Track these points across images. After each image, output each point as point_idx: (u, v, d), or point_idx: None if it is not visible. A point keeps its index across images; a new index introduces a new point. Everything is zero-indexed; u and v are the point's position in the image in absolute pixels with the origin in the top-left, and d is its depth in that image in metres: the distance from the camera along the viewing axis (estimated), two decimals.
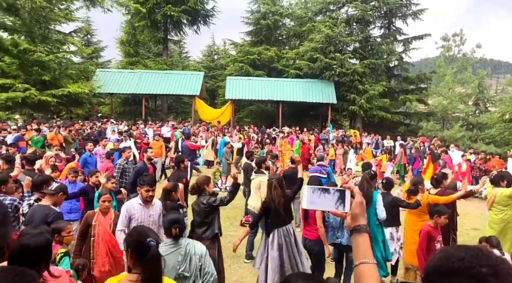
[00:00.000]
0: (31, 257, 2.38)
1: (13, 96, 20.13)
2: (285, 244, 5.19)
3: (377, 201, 5.76)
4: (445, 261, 1.13)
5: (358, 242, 1.49)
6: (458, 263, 1.10)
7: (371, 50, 27.94)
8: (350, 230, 1.52)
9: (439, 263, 1.14)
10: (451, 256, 1.12)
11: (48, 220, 3.96)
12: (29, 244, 2.42)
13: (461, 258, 1.10)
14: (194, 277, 3.34)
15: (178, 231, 3.40)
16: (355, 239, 1.50)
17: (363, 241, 1.48)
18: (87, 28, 33.86)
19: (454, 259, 1.11)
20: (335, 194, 1.54)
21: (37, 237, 2.51)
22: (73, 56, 25.69)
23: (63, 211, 6.02)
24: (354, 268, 1.45)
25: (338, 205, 1.53)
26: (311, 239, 5.48)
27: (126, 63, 30.58)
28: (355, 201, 1.52)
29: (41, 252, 2.45)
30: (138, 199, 4.87)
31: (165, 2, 28.30)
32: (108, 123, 20.05)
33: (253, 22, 31.45)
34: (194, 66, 38.94)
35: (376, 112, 26.01)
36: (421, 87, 29.47)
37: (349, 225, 1.52)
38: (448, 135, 26.97)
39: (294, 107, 29.18)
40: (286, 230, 5.28)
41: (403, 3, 28.05)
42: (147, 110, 28.48)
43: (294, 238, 5.32)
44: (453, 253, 1.13)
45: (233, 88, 25.37)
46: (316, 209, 1.66)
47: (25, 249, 2.39)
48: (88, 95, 23.22)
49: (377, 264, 1.47)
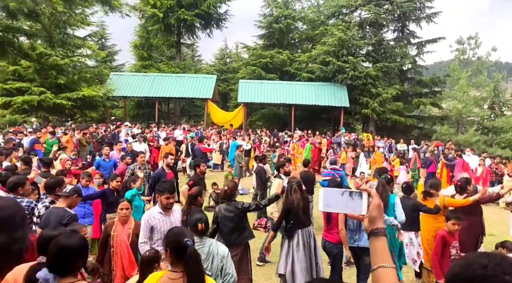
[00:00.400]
0: (68, 257, 2.41)
1: (29, 99, 20.51)
2: (307, 245, 5.21)
3: (395, 204, 5.72)
4: (467, 269, 1.09)
5: (376, 246, 1.45)
6: (481, 270, 1.06)
7: (384, 53, 27.74)
8: (367, 234, 1.49)
9: (461, 270, 1.11)
10: (473, 263, 1.09)
11: (63, 222, 4.00)
12: (67, 244, 2.45)
13: (484, 265, 1.07)
14: (215, 276, 3.38)
15: (204, 226, 3.50)
16: (373, 242, 1.46)
17: (381, 245, 1.45)
18: (102, 32, 34.32)
19: (477, 267, 1.08)
20: (352, 196, 1.50)
21: (74, 237, 2.55)
22: (88, 60, 26.09)
23: (78, 215, 6.13)
24: (372, 272, 1.42)
25: (355, 207, 1.49)
26: (331, 241, 5.47)
27: (139, 67, 30.88)
28: (373, 203, 1.48)
29: (80, 252, 2.49)
30: (157, 207, 4.68)
31: (179, 6, 28.54)
32: (122, 126, 20.25)
33: (265, 26, 31.53)
34: (206, 69, 39.15)
35: (389, 116, 25.79)
36: (435, 90, 29.14)
37: (367, 228, 1.49)
38: (463, 140, 26.58)
39: (307, 110, 29.09)
40: (308, 231, 5.32)
41: (417, 6, 27.80)
42: (160, 113, 28.69)
43: (314, 241, 5.34)
44: (476, 260, 1.10)
45: (245, 91, 25.42)
46: (332, 211, 1.62)
47: (63, 249, 2.41)
48: (102, 99, 23.50)
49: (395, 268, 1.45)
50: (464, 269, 1.10)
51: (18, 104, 20.73)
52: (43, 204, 4.45)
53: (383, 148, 19.99)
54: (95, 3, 5.65)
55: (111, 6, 5.96)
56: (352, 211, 1.50)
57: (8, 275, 2.64)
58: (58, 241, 2.47)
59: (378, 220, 1.48)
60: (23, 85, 21.01)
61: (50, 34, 6.21)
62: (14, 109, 21.38)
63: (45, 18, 5.90)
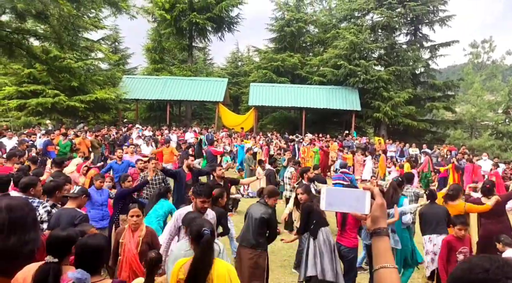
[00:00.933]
0: (94, 256, 2.49)
1: (43, 101, 20.85)
2: (329, 243, 5.24)
3: (403, 206, 5.76)
4: (469, 272, 1.07)
5: (379, 246, 1.44)
6: (482, 274, 1.04)
7: (397, 57, 27.55)
8: (370, 233, 1.48)
9: (462, 274, 1.09)
10: (475, 267, 1.07)
11: (75, 222, 4.03)
12: (93, 244, 2.52)
13: (486, 269, 1.05)
14: None
15: None
16: (375, 242, 1.45)
17: (383, 245, 1.43)
18: (115, 36, 34.70)
19: (479, 270, 1.05)
20: (354, 195, 1.49)
21: (98, 236, 2.59)
22: (101, 63, 26.40)
23: (96, 218, 6.15)
24: (374, 272, 1.41)
25: (357, 206, 1.47)
26: (347, 245, 5.44)
27: (151, 70, 31.16)
28: (375, 202, 1.46)
29: (104, 251, 2.57)
30: (190, 208, 4.52)
31: (191, 10, 28.74)
32: (134, 129, 20.43)
33: (277, 29, 31.55)
34: (218, 72, 39.31)
35: (401, 120, 25.57)
36: (448, 94, 28.80)
37: (369, 227, 1.47)
38: (477, 144, 26.22)
39: (318, 114, 29.00)
40: (329, 230, 5.41)
41: (430, 10, 27.53)
42: (171, 116, 28.87)
43: (333, 240, 5.38)
44: (478, 264, 1.08)
45: (256, 94, 25.45)
46: (334, 210, 1.60)
47: (89, 249, 2.49)
48: (115, 101, 23.74)
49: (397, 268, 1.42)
50: (466, 272, 1.08)
51: (33, 107, 21.09)
52: (44, 208, 4.47)
53: (395, 152, 19.81)
54: (102, 5, 5.71)
55: (118, 7, 6.02)
56: (355, 210, 1.48)
57: (18, 274, 2.67)
58: (85, 242, 2.55)
59: (380, 220, 1.46)
60: (37, 88, 21.38)
61: (59, 35, 6.27)
62: (28, 111, 21.75)
63: (54, 19, 5.98)
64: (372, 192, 1.48)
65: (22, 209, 3.10)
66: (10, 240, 2.99)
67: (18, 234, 3.01)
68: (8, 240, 2.99)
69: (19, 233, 3.02)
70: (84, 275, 2.34)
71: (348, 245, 5.43)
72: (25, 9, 5.15)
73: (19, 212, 3.09)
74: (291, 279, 6.21)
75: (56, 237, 2.77)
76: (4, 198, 3.59)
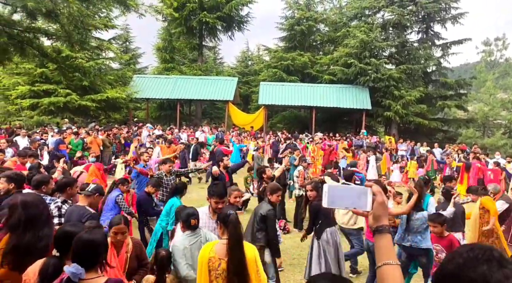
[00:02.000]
0: (90, 251, 2.48)
1: (55, 101, 21.12)
2: (335, 243, 5.29)
3: (429, 204, 5.86)
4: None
5: (381, 243, 1.45)
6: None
7: (408, 55, 27.28)
8: (372, 231, 1.49)
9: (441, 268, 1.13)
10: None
11: (83, 220, 4.07)
12: (89, 239, 2.52)
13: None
14: None
15: (196, 222, 3.85)
16: (377, 239, 1.46)
17: (386, 242, 1.45)
18: (126, 35, 34.96)
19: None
20: (356, 193, 1.49)
21: (95, 231, 2.61)
22: (112, 63, 26.61)
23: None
24: (377, 269, 1.42)
25: (359, 203, 1.48)
26: None
27: (162, 69, 31.32)
28: (376, 200, 1.47)
29: (100, 246, 2.57)
30: (206, 208, 4.49)
31: (201, 9, 28.82)
32: (144, 128, 20.56)
33: (287, 28, 31.47)
34: (228, 72, 39.35)
35: (412, 119, 25.32)
36: (460, 93, 28.46)
37: (371, 225, 1.48)
38: (489, 143, 25.83)
39: (328, 113, 28.87)
40: (334, 230, 5.43)
41: (442, 7, 27.21)
42: (181, 115, 29.00)
43: (339, 239, 5.41)
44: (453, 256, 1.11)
45: (266, 93, 25.43)
46: (336, 207, 1.61)
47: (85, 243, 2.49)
48: (126, 100, 23.93)
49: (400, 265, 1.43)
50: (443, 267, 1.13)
51: (45, 106, 21.37)
52: (55, 204, 4.52)
53: (406, 151, 19.64)
54: (111, 4, 5.75)
55: (127, 5, 6.06)
56: (357, 207, 1.49)
57: (30, 268, 2.72)
58: (80, 236, 2.55)
59: (382, 218, 1.47)
60: (50, 87, 21.66)
61: (69, 34, 6.34)
62: (41, 110, 22.04)
63: (64, 18, 6.05)
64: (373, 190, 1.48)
65: (37, 206, 3.17)
66: (26, 236, 3.04)
67: (33, 230, 3.07)
68: (24, 236, 3.04)
69: (34, 229, 3.07)
70: (78, 270, 2.32)
71: None
72: (35, 7, 5.22)
73: (34, 208, 3.15)
74: (300, 278, 6.19)
75: (63, 232, 2.81)
76: (19, 195, 3.65)
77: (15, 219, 3.15)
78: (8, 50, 6.40)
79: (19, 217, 3.13)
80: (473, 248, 1.07)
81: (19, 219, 3.12)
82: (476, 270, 1.01)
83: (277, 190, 5.27)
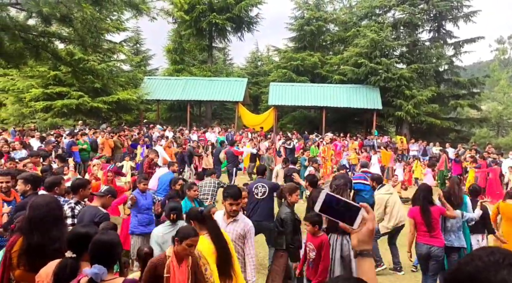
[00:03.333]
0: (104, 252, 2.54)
1: (68, 103, 21.40)
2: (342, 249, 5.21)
3: (467, 204, 5.83)
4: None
5: (365, 268, 1.48)
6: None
7: (419, 54, 27.02)
8: (355, 253, 1.51)
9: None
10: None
11: (95, 220, 4.12)
12: (104, 240, 2.58)
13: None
14: None
15: (175, 216, 4.38)
16: (361, 263, 1.49)
17: (369, 267, 1.48)
18: (136, 38, 35.27)
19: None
20: (349, 208, 1.51)
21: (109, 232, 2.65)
22: (123, 65, 26.86)
23: (144, 223, 6.05)
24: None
25: (348, 219, 1.50)
26: (438, 246, 5.30)
27: (172, 71, 31.49)
28: (367, 226, 1.48)
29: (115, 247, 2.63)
30: (221, 213, 4.40)
31: (210, 11, 28.92)
32: (155, 129, 20.70)
33: (296, 28, 31.40)
34: (237, 72, 39.41)
35: (424, 118, 25.07)
36: (473, 92, 28.06)
37: (354, 246, 1.51)
38: (503, 143, 25.48)
39: (338, 113, 28.74)
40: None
41: (454, 6, 26.91)
42: (191, 117, 29.14)
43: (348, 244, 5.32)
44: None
45: (276, 94, 25.41)
46: (325, 216, 1.62)
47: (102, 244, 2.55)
48: (136, 102, 24.12)
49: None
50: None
51: (58, 108, 21.66)
52: (68, 205, 4.59)
53: (418, 151, 19.47)
54: (124, 8, 5.82)
55: (139, 10, 6.14)
56: (345, 221, 1.51)
57: (42, 269, 2.75)
58: (98, 238, 2.61)
59: (368, 243, 1.49)
60: (62, 90, 21.94)
61: (82, 38, 6.46)
62: (54, 112, 22.34)
63: (78, 22, 6.15)
64: (367, 211, 1.49)
65: (42, 207, 3.20)
66: (34, 237, 3.09)
67: (41, 231, 3.11)
68: (32, 237, 3.10)
69: (41, 230, 3.11)
70: (101, 269, 2.37)
71: (439, 245, 5.31)
72: (50, 13, 5.31)
73: (38, 210, 3.19)
74: None
75: (76, 233, 2.85)
76: (33, 197, 3.72)
77: (25, 220, 3.23)
78: (24, 55, 6.54)
79: (28, 218, 3.20)
80: (493, 252, 1.05)
81: (28, 220, 3.19)
82: (496, 275, 1.00)
83: (295, 190, 5.32)
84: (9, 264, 3.15)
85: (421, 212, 5.34)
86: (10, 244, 3.24)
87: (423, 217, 5.34)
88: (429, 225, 5.29)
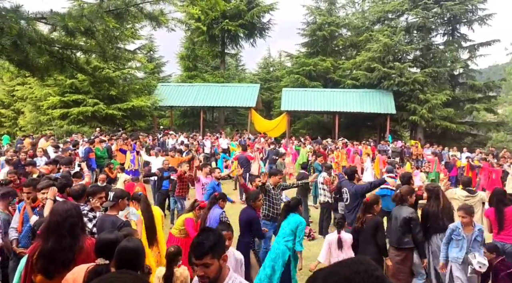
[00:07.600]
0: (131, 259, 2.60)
1: (84, 110, 21.80)
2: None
3: None
4: None
5: None
6: None
7: (433, 58, 26.76)
8: None
9: None
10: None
11: (118, 227, 4.18)
12: (130, 247, 2.64)
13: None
14: None
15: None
16: None
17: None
18: (150, 45, 35.70)
19: None
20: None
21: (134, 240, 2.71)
22: (137, 72, 27.22)
23: None
24: None
25: None
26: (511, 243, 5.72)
27: (185, 77, 31.79)
28: None
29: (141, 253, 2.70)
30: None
31: (223, 17, 29.14)
32: (169, 135, 20.87)
33: (309, 34, 31.41)
34: (250, 78, 39.56)
35: (439, 123, 24.77)
36: (489, 95, 27.61)
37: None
38: None
39: (351, 118, 28.60)
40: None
41: (469, 9, 26.56)
42: (204, 122, 29.34)
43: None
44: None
45: (288, 99, 25.43)
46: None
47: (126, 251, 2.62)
48: (150, 108, 24.40)
49: None
50: None
51: (74, 115, 22.07)
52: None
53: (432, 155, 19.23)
54: (143, 20, 5.96)
55: (158, 22, 6.28)
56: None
57: (68, 274, 2.78)
58: (125, 245, 2.68)
59: None
60: (79, 97, 22.35)
61: (103, 49, 6.63)
62: (70, 120, 22.76)
63: (99, 35, 6.34)
64: None
65: (60, 214, 3.19)
66: (49, 243, 3.12)
67: (55, 237, 3.12)
68: (47, 242, 3.13)
69: (55, 236, 3.13)
70: None
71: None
72: (74, 26, 5.49)
73: (55, 216, 3.20)
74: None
75: (106, 240, 2.89)
76: (57, 202, 3.82)
77: (44, 225, 3.30)
78: (49, 68, 6.77)
79: (47, 223, 3.26)
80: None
81: (46, 225, 3.25)
82: None
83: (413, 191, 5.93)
84: (31, 270, 3.15)
85: (495, 212, 5.87)
86: (32, 249, 3.26)
87: (496, 217, 5.88)
88: (497, 222, 5.82)
